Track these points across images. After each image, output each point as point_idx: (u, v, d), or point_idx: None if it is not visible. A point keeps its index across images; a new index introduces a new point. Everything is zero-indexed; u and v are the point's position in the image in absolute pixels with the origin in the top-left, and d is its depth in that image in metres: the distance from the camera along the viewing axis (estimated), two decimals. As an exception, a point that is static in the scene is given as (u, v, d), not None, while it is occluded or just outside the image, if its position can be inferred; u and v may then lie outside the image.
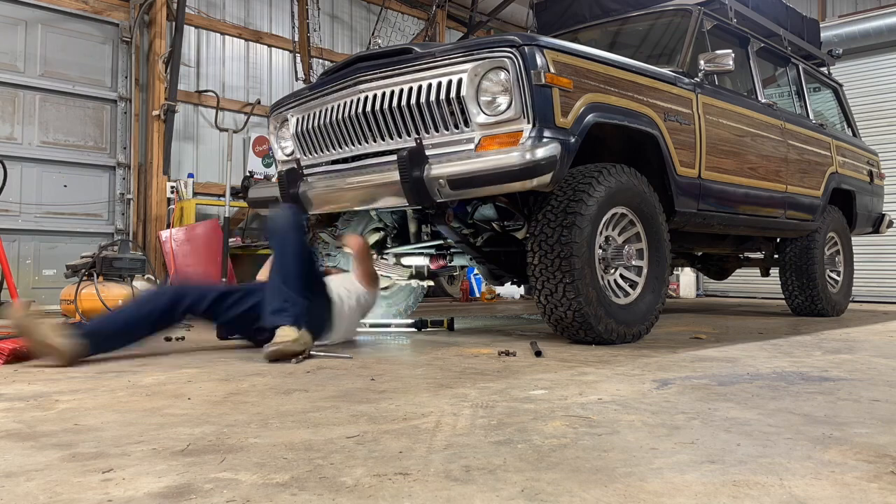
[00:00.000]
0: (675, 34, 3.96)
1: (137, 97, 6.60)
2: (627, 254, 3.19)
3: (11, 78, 5.93)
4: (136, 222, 6.52)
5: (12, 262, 5.57)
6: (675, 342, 3.24)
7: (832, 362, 2.58)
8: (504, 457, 1.27)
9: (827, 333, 3.79)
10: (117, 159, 6.50)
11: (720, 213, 3.86)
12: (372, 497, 1.05)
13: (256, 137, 7.13)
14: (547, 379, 2.14)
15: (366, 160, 3.27)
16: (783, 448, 1.34)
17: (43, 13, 6.12)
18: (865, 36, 7.73)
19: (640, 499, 1.05)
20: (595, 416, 1.61)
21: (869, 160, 5.72)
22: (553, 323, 3.04)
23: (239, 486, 1.11)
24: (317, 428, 1.49)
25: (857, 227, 5.56)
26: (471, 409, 1.69)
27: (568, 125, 2.88)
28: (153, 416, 1.61)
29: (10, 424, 1.54)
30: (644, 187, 3.25)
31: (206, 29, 6.99)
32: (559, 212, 2.91)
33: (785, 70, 5.11)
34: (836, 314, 5.15)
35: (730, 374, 2.28)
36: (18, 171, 5.88)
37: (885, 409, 1.72)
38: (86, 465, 1.22)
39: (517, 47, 2.82)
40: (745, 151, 4.03)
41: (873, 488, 1.10)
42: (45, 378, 2.17)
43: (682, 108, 3.53)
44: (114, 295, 4.24)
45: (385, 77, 3.11)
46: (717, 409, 1.70)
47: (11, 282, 3.29)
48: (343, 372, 2.29)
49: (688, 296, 8.69)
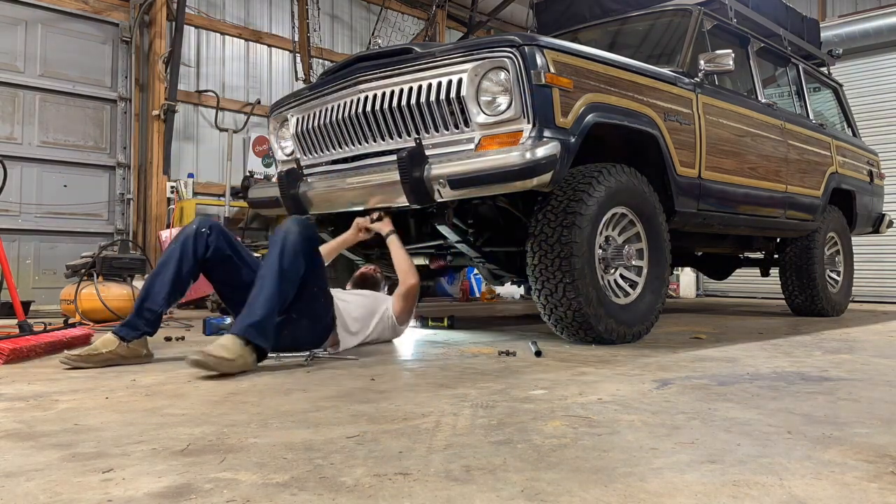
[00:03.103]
0: (675, 34, 3.96)
1: (137, 97, 6.60)
2: (627, 254, 3.19)
3: (11, 78, 5.94)
4: (136, 222, 6.52)
5: (12, 262, 5.58)
6: (675, 342, 3.24)
7: (832, 362, 2.58)
8: (504, 457, 1.27)
9: (827, 333, 3.79)
10: (117, 159, 6.50)
11: (720, 213, 3.86)
12: (372, 497, 1.05)
13: (256, 137, 7.13)
14: (547, 379, 2.14)
15: (366, 160, 3.27)
16: (783, 448, 1.34)
17: (43, 13, 6.12)
18: (865, 36, 7.73)
19: (640, 499, 1.05)
20: (595, 416, 1.61)
21: (869, 160, 5.72)
22: (553, 323, 3.04)
23: (239, 486, 1.11)
24: (317, 428, 1.49)
25: (857, 227, 5.56)
26: (471, 409, 1.69)
27: (568, 125, 2.88)
28: (153, 416, 1.61)
29: (10, 424, 1.54)
30: (644, 187, 3.25)
31: (206, 29, 6.99)
32: (559, 212, 2.91)
33: (785, 70, 5.11)
34: (836, 314, 5.15)
35: (730, 374, 2.28)
36: (18, 171, 5.89)
37: (885, 409, 1.72)
38: (86, 465, 1.22)
39: (517, 47, 2.82)
40: (746, 151, 4.03)
41: (873, 488, 1.10)
42: (45, 378, 2.17)
43: (682, 108, 3.53)
44: (114, 295, 4.25)
45: (385, 77, 3.10)
46: (717, 409, 1.70)
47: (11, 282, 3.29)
48: (343, 372, 2.29)
49: (688, 296, 8.69)
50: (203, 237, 2.58)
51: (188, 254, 2.54)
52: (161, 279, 2.49)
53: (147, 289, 2.49)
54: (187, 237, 2.56)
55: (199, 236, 2.57)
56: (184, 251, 2.53)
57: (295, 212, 3.55)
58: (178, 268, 2.50)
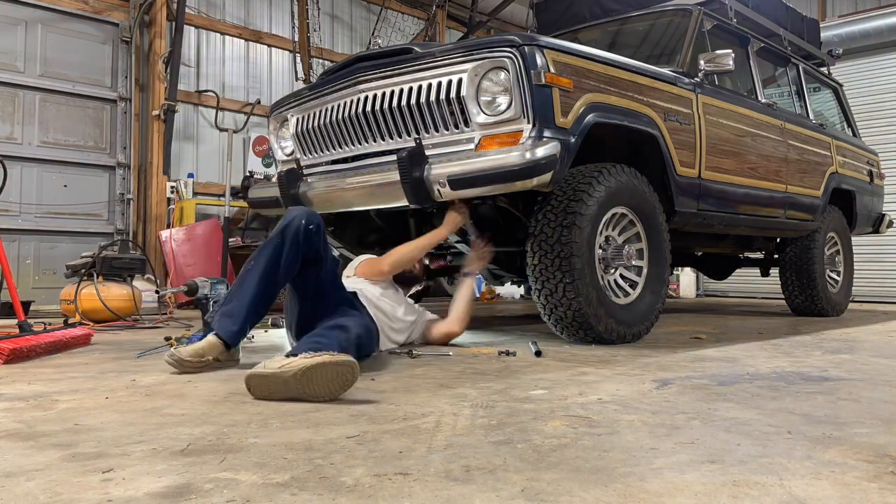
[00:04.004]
0: (675, 34, 3.96)
1: (137, 97, 6.60)
2: (627, 254, 3.19)
3: (11, 78, 5.94)
4: (136, 222, 6.52)
5: (12, 262, 5.58)
6: (675, 342, 3.24)
7: (832, 362, 2.58)
8: (504, 457, 1.27)
9: (827, 333, 3.79)
10: (117, 159, 6.50)
11: (720, 213, 3.86)
12: (372, 497, 1.05)
13: (256, 137, 7.13)
14: (547, 379, 2.14)
15: (366, 160, 3.27)
16: (783, 448, 1.34)
17: (43, 13, 6.12)
18: (865, 36, 7.73)
19: (640, 499, 1.05)
20: (595, 416, 1.61)
21: (869, 160, 5.72)
22: (553, 323, 3.04)
23: (239, 486, 1.11)
24: (317, 428, 1.49)
25: (857, 227, 5.56)
26: (471, 408, 1.69)
27: (568, 125, 2.88)
28: (153, 416, 1.61)
29: (10, 424, 1.54)
30: (644, 187, 3.25)
31: (206, 29, 6.99)
32: (559, 212, 2.91)
33: (785, 70, 5.11)
34: (836, 314, 5.15)
35: (730, 374, 2.28)
36: (18, 171, 5.89)
37: (885, 409, 1.72)
38: (86, 465, 1.22)
39: (517, 47, 2.82)
40: (745, 151, 4.03)
41: (873, 488, 1.10)
42: (45, 378, 2.17)
43: (682, 107, 3.53)
44: (114, 295, 4.24)
45: (385, 77, 3.10)
46: (717, 409, 1.70)
47: (11, 282, 3.29)
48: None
49: (688, 296, 8.69)
50: (312, 234, 2.32)
51: (293, 253, 2.28)
52: (249, 282, 2.27)
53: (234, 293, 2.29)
54: (297, 232, 2.29)
55: (308, 233, 2.30)
56: (291, 248, 2.27)
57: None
58: (272, 269, 2.26)
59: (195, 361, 2.22)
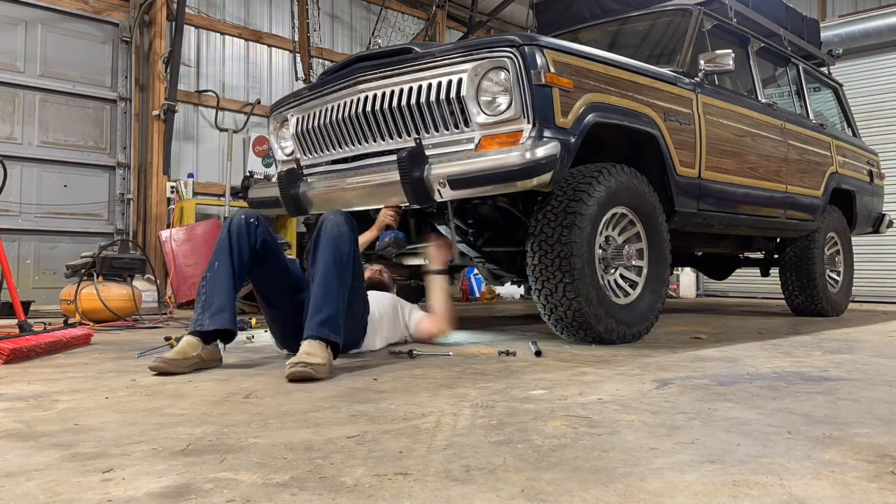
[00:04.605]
0: (675, 34, 3.96)
1: (137, 97, 6.60)
2: (627, 254, 3.19)
3: (11, 78, 5.94)
4: (136, 222, 6.52)
5: (12, 262, 5.58)
6: (675, 342, 3.24)
7: (832, 362, 2.58)
8: (504, 457, 1.27)
9: (827, 333, 3.79)
10: (117, 159, 6.50)
11: (720, 213, 3.86)
12: (372, 497, 1.05)
13: (256, 137, 7.13)
14: (547, 379, 2.14)
15: (366, 160, 3.27)
16: (783, 448, 1.34)
17: (43, 13, 6.12)
18: (865, 36, 7.73)
19: (640, 499, 1.05)
20: (595, 416, 1.61)
21: (869, 160, 5.72)
22: (553, 323, 3.04)
23: (239, 486, 1.11)
24: (317, 428, 1.49)
25: (857, 227, 5.56)
26: (471, 408, 1.69)
27: (568, 125, 2.88)
28: (153, 416, 1.61)
29: (10, 424, 1.54)
30: (644, 187, 3.25)
31: (206, 29, 6.99)
32: (559, 212, 2.91)
33: (785, 70, 5.11)
34: (836, 314, 5.15)
35: (730, 374, 2.28)
36: (18, 171, 5.88)
37: (885, 409, 1.72)
38: (86, 465, 1.22)
39: (517, 47, 2.82)
40: (745, 151, 4.03)
41: (873, 488, 1.10)
42: (45, 378, 2.17)
43: (682, 107, 3.53)
44: (114, 295, 4.25)
45: (385, 77, 3.10)
46: (717, 409, 1.70)
47: (11, 282, 3.29)
48: (342, 372, 2.29)
49: (688, 296, 8.69)
50: (253, 227, 2.49)
51: (243, 245, 2.46)
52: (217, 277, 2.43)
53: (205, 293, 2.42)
54: (239, 227, 2.47)
55: (249, 226, 2.48)
56: (239, 242, 2.46)
57: (295, 212, 3.55)
58: (230, 261, 2.44)
59: (180, 360, 2.28)
